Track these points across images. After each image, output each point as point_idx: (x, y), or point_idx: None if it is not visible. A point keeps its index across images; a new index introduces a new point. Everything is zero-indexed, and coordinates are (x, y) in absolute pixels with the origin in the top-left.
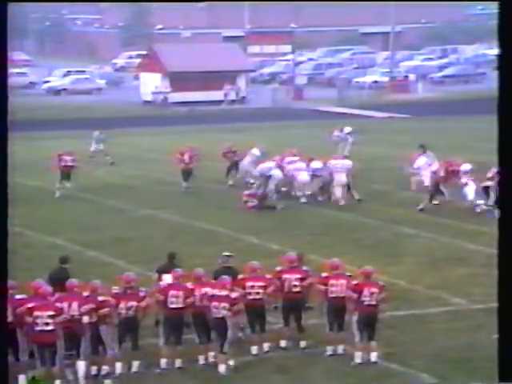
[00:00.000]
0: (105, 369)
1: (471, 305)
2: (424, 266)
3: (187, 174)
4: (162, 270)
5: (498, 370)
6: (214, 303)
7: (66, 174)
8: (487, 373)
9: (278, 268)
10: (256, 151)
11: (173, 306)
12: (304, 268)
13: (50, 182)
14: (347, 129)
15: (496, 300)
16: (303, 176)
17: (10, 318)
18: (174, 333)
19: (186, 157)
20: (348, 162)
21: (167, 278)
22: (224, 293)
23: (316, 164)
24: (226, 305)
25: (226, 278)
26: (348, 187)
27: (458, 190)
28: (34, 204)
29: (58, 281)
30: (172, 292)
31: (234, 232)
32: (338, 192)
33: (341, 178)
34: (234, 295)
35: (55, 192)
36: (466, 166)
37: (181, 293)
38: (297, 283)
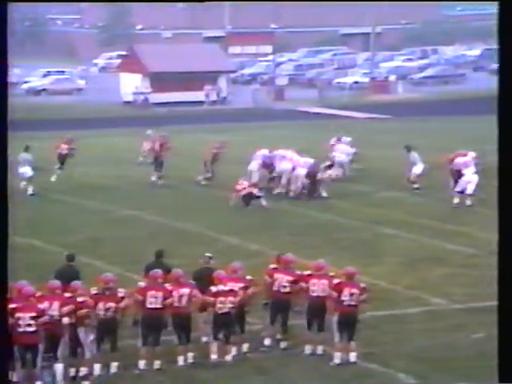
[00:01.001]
0: (83, 370)
1: (450, 305)
2: (404, 266)
3: (158, 162)
4: (149, 268)
5: (497, 370)
6: (220, 298)
7: (62, 160)
8: (467, 372)
9: (272, 266)
10: (265, 151)
11: (151, 306)
12: (298, 272)
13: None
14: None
15: (480, 300)
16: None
17: None
18: (152, 333)
19: (157, 145)
20: (310, 161)
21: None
22: (228, 287)
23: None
24: (232, 298)
25: (222, 272)
26: (313, 183)
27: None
28: (10, 205)
29: (65, 279)
30: (151, 292)
31: (214, 232)
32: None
33: (301, 171)
34: (236, 288)
35: (52, 176)
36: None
37: (160, 293)
38: (286, 284)
